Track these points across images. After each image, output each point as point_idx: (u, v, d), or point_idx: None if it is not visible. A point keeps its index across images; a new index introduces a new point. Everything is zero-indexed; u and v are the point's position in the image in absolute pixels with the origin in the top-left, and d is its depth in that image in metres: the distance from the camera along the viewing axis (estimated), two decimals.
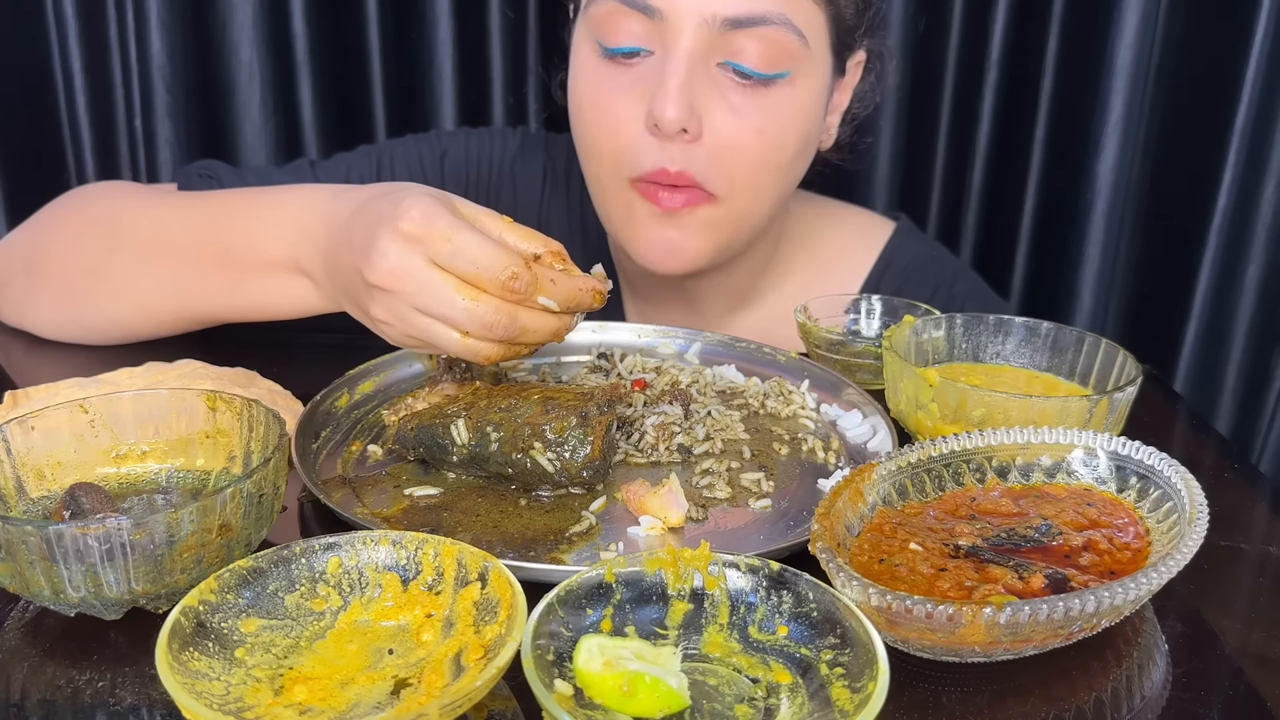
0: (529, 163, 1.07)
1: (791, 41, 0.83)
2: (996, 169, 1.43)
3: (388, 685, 0.48)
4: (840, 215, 1.10)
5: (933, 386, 0.70)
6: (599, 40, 0.86)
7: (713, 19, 0.81)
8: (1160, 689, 0.53)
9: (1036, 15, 1.33)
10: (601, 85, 0.87)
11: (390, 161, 1.05)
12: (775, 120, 0.85)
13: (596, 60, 0.87)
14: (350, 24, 1.38)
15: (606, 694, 0.46)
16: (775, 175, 0.89)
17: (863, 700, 0.43)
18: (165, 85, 1.35)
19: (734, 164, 0.85)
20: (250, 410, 0.62)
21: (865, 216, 1.11)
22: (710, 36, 0.82)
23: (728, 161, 0.85)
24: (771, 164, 0.87)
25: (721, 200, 0.87)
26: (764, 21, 0.81)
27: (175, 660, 0.45)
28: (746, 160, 0.86)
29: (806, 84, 0.86)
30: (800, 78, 0.85)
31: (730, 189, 0.87)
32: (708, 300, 1.03)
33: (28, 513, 0.59)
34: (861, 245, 1.06)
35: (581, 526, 0.64)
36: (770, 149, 0.86)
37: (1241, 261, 1.32)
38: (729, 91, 0.84)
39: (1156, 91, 1.32)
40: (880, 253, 1.05)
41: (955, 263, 1.11)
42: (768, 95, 0.84)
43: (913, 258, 1.06)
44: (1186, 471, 0.59)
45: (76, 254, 0.88)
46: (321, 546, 0.53)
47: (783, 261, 1.04)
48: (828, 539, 0.53)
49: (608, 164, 0.89)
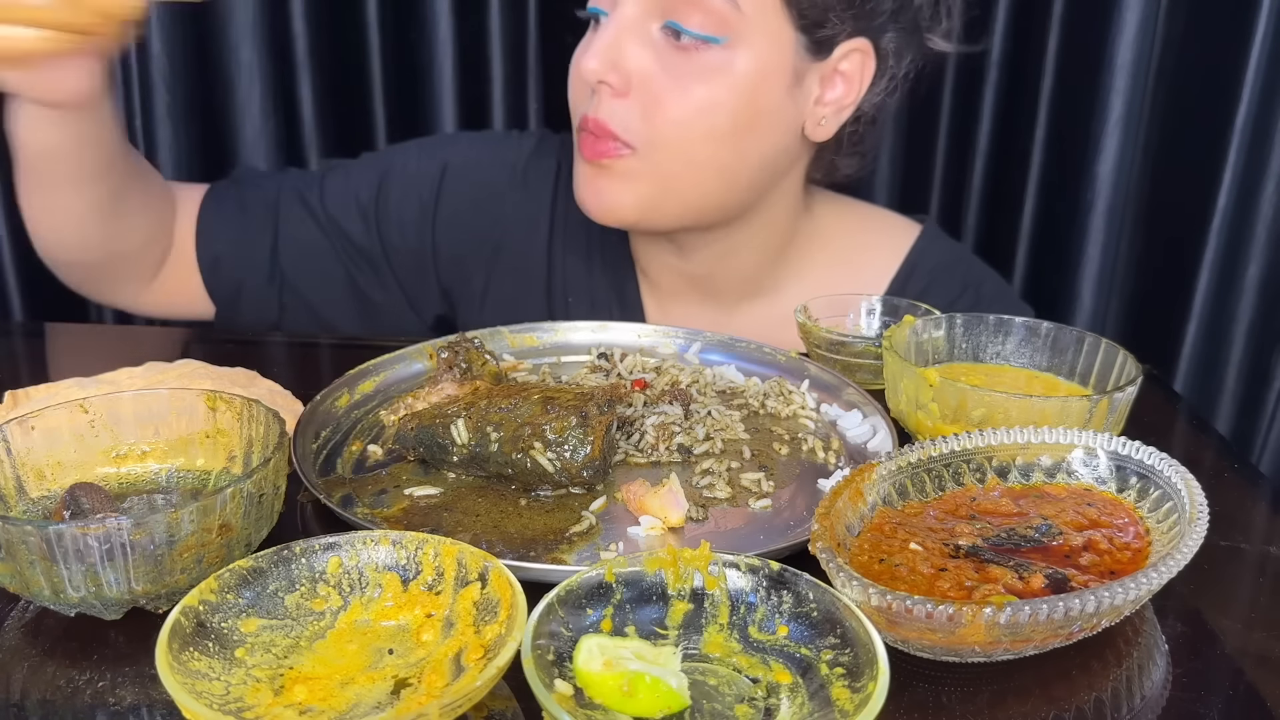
0: (543, 161, 1.09)
1: (725, 8, 0.85)
2: (996, 169, 1.43)
3: (388, 685, 0.48)
4: (866, 214, 1.11)
5: (933, 386, 0.71)
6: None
7: None
8: (1160, 689, 0.53)
9: (1036, 15, 1.33)
10: (581, 46, 0.94)
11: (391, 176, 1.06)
12: (705, 83, 0.87)
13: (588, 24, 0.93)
14: (350, 24, 1.38)
15: (606, 694, 0.46)
16: (710, 142, 0.90)
17: (863, 700, 0.43)
18: (165, 85, 1.34)
19: (657, 121, 0.88)
20: (250, 410, 0.62)
21: (892, 218, 1.11)
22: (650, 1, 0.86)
23: (651, 116, 0.88)
24: (701, 127, 0.89)
25: (639, 152, 0.89)
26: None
27: (175, 660, 0.45)
28: (670, 120, 0.88)
29: (749, 54, 0.87)
30: (740, 46, 0.87)
31: (650, 142, 0.89)
32: (720, 288, 1.04)
33: (28, 513, 0.59)
34: (887, 245, 1.07)
35: (581, 526, 0.64)
36: (697, 112, 0.88)
37: (1241, 261, 1.32)
38: (664, 53, 0.87)
39: (1156, 91, 1.32)
40: (907, 254, 1.06)
41: (981, 265, 1.11)
42: (701, 59, 0.87)
43: (940, 259, 1.06)
44: (1186, 471, 0.59)
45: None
46: (321, 546, 0.53)
47: (799, 255, 1.05)
48: (828, 539, 0.53)
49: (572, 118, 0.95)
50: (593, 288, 1.07)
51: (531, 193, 1.08)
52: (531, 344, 0.91)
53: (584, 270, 1.07)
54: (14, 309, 1.46)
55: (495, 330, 0.90)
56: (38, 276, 1.44)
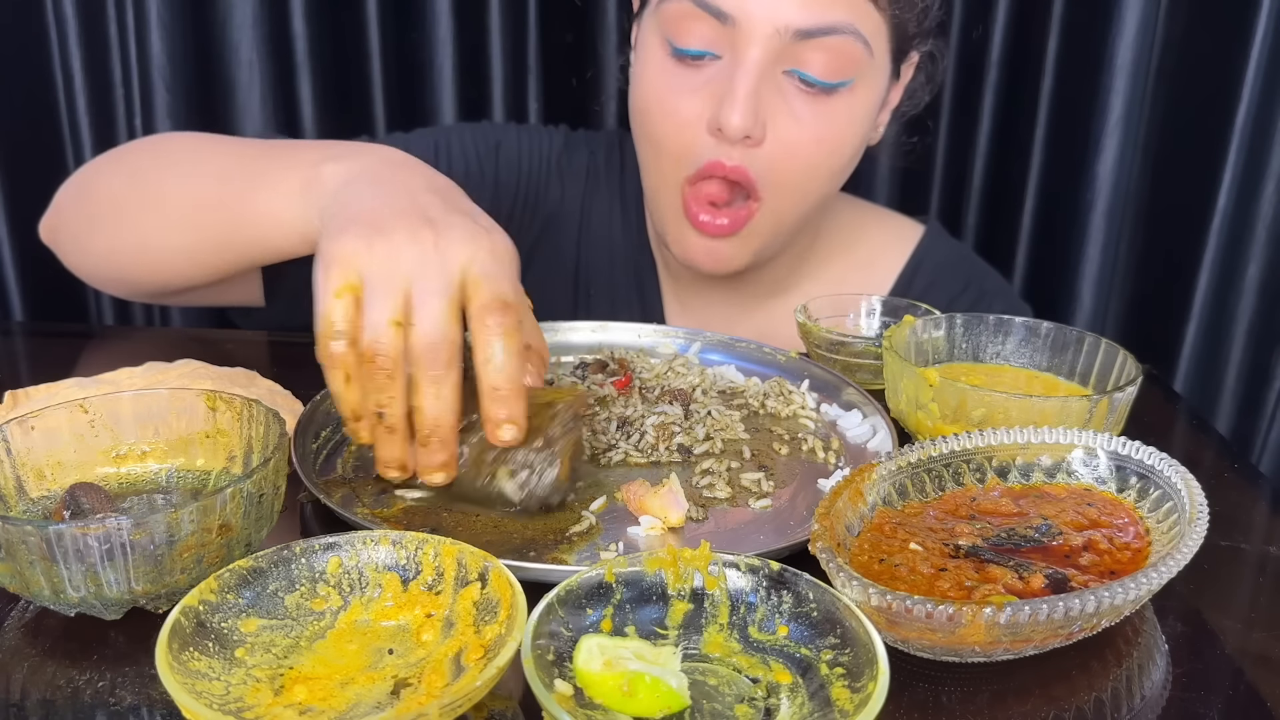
0: (574, 158, 1.09)
1: (858, 51, 0.84)
2: (996, 169, 1.43)
3: (388, 685, 0.48)
4: (877, 216, 1.13)
5: (933, 386, 0.70)
6: (669, 39, 0.87)
7: (785, 29, 0.82)
8: (1160, 689, 0.53)
9: (1036, 15, 1.33)
10: (669, 84, 0.88)
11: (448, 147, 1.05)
12: (834, 127, 0.87)
13: (664, 58, 0.88)
14: (350, 24, 1.38)
15: (606, 694, 0.46)
16: (827, 179, 0.91)
17: (863, 700, 0.43)
18: (165, 85, 1.34)
19: (789, 168, 0.87)
20: (250, 410, 0.62)
21: (899, 219, 1.13)
22: (780, 46, 0.83)
23: (783, 166, 0.87)
24: (825, 169, 0.90)
25: (765, 201, 0.88)
26: (834, 32, 0.82)
27: (175, 660, 0.45)
28: (801, 165, 0.88)
29: (866, 91, 0.88)
30: (861, 85, 0.87)
31: (777, 191, 0.88)
32: (746, 289, 1.04)
33: (28, 513, 0.59)
34: (895, 246, 1.08)
35: (581, 526, 0.64)
36: (825, 155, 0.88)
37: (1241, 261, 1.32)
38: (793, 99, 0.85)
39: (1156, 91, 1.32)
40: (912, 253, 1.07)
41: (982, 263, 1.14)
42: (830, 103, 0.86)
43: (943, 258, 1.08)
44: (1186, 471, 0.59)
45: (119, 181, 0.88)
46: (321, 546, 0.53)
47: (820, 255, 1.06)
48: (828, 539, 0.53)
49: (667, 161, 0.90)
50: (614, 281, 1.08)
51: (566, 187, 1.08)
52: None
53: (606, 263, 1.08)
54: (14, 309, 1.46)
55: None
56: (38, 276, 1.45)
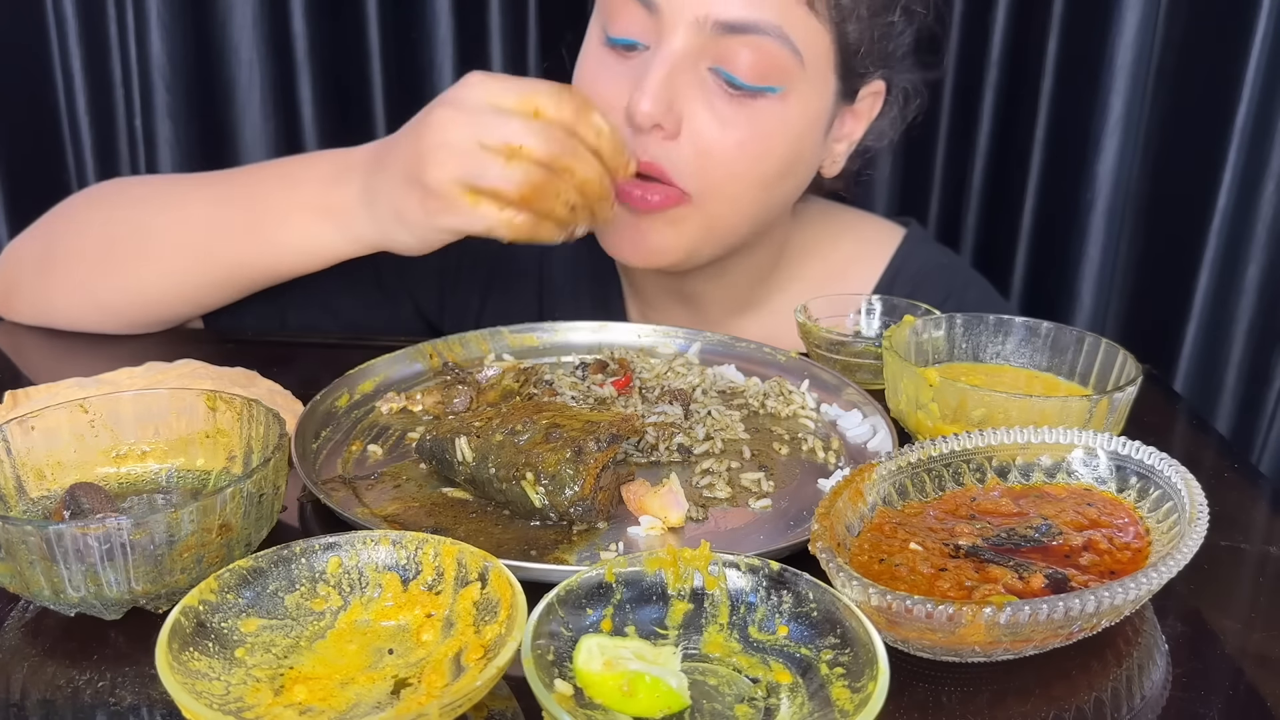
0: None
1: (785, 55, 0.82)
2: (996, 169, 1.42)
3: (388, 685, 0.48)
4: (850, 221, 1.10)
5: (933, 386, 0.70)
6: (605, 28, 0.87)
7: (705, 19, 0.81)
8: (1160, 689, 0.53)
9: (1036, 15, 1.33)
10: (598, 73, 0.88)
11: None
12: (758, 134, 0.85)
13: (599, 48, 0.88)
14: (350, 24, 1.38)
15: (606, 694, 0.46)
16: (756, 189, 0.88)
17: (863, 700, 0.43)
18: (165, 85, 1.34)
19: (710, 169, 0.85)
20: (250, 410, 0.62)
21: (875, 223, 1.10)
22: (703, 39, 0.81)
23: (704, 166, 0.85)
24: (751, 176, 0.87)
25: (693, 199, 0.86)
26: (757, 30, 0.81)
27: (175, 660, 0.45)
28: (722, 168, 0.85)
29: (800, 103, 0.85)
30: (793, 95, 0.84)
31: (703, 191, 0.86)
32: (709, 304, 1.03)
33: (28, 513, 0.59)
34: (871, 252, 1.06)
35: (582, 526, 0.64)
36: (750, 161, 0.86)
37: (1241, 261, 1.32)
38: (715, 97, 0.83)
39: (1156, 91, 1.32)
40: (890, 260, 1.05)
41: (966, 269, 1.11)
42: (755, 107, 0.84)
43: (922, 265, 1.05)
44: (1186, 471, 0.59)
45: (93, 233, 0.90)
46: (321, 546, 0.53)
47: (789, 268, 1.04)
48: (828, 539, 0.53)
49: None
50: (578, 295, 1.07)
51: None
52: (531, 344, 0.91)
53: (569, 277, 1.07)
54: None
55: (495, 330, 0.90)
56: None
